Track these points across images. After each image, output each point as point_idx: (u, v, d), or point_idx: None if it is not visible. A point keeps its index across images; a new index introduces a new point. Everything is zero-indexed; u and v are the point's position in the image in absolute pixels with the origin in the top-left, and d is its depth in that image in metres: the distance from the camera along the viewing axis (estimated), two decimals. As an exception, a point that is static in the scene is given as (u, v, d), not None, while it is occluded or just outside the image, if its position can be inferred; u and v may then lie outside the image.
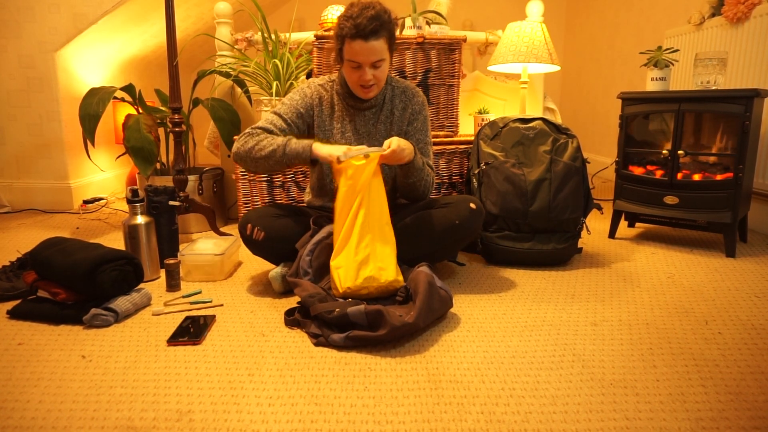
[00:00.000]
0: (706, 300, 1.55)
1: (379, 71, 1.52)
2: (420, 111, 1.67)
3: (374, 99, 1.62)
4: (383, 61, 1.51)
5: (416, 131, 1.67)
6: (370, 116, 1.65)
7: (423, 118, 1.68)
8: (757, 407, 1.01)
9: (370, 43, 1.46)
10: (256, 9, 2.28)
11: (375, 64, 1.50)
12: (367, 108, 1.64)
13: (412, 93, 1.68)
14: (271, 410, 1.00)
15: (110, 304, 1.41)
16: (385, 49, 1.50)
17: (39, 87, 2.79)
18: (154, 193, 1.86)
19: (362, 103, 1.62)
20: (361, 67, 1.50)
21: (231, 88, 2.63)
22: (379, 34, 1.46)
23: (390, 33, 1.50)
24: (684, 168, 2.04)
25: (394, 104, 1.66)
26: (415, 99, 1.67)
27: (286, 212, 1.65)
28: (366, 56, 1.48)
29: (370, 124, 1.65)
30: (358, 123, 1.64)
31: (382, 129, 1.65)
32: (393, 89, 1.67)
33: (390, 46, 1.53)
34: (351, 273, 1.41)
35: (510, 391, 1.07)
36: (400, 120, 1.66)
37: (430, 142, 1.70)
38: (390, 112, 1.66)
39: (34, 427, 0.96)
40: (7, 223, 2.57)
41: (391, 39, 1.52)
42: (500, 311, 1.47)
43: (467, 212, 1.56)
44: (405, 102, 1.66)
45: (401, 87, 1.68)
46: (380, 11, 1.47)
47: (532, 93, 2.71)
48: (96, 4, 2.70)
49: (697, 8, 2.62)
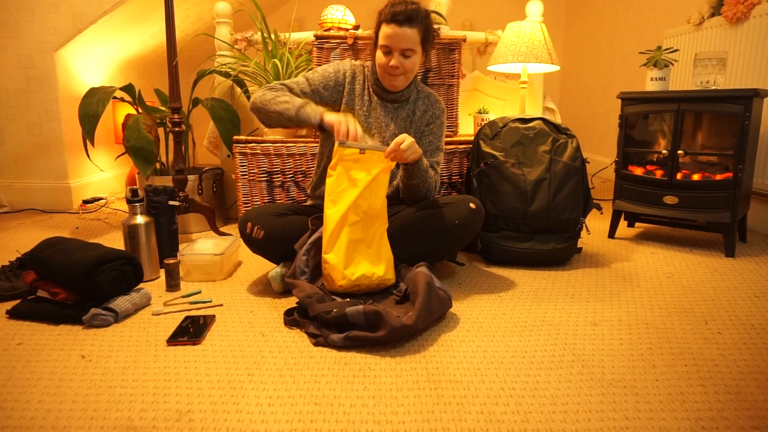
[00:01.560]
0: (706, 300, 1.55)
1: (407, 61, 1.57)
2: (438, 116, 1.73)
3: (399, 94, 1.67)
4: (413, 52, 1.56)
5: (430, 132, 1.71)
6: (391, 109, 1.69)
7: (440, 123, 1.73)
8: (756, 407, 1.02)
9: (403, 29, 1.51)
10: (256, 9, 2.28)
11: (405, 52, 1.55)
12: (390, 101, 1.68)
13: (435, 99, 1.74)
14: (270, 410, 1.00)
15: (110, 304, 1.41)
16: (416, 40, 1.55)
17: (38, 87, 2.79)
18: (154, 193, 1.86)
19: (388, 94, 1.67)
20: (391, 52, 1.55)
21: (231, 88, 2.63)
22: (413, 23, 1.52)
23: (425, 27, 1.56)
24: (683, 168, 2.04)
25: (416, 105, 1.71)
26: (437, 105, 1.74)
27: (286, 211, 1.66)
28: (397, 41, 1.53)
29: (390, 117, 1.69)
30: (379, 111, 1.68)
31: (401, 124, 1.69)
32: (418, 92, 1.73)
33: (423, 40, 1.57)
34: (341, 270, 1.43)
35: (510, 390, 1.07)
36: (419, 121, 1.71)
37: (441, 147, 1.74)
38: (411, 112, 1.71)
39: (34, 427, 0.96)
40: (6, 223, 2.57)
41: (425, 34, 1.57)
42: (500, 311, 1.47)
43: (467, 212, 1.57)
44: (427, 105, 1.72)
45: (426, 92, 1.75)
46: (420, 7, 1.55)
47: (531, 93, 2.71)
48: (96, 4, 2.70)
49: (697, 8, 2.62)
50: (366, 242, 1.49)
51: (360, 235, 1.49)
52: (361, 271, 1.44)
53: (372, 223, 1.50)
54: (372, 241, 1.50)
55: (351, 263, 1.45)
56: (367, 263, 1.46)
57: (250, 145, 2.19)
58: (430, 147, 1.70)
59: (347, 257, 1.45)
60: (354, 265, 1.45)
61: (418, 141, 1.68)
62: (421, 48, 1.59)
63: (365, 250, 1.49)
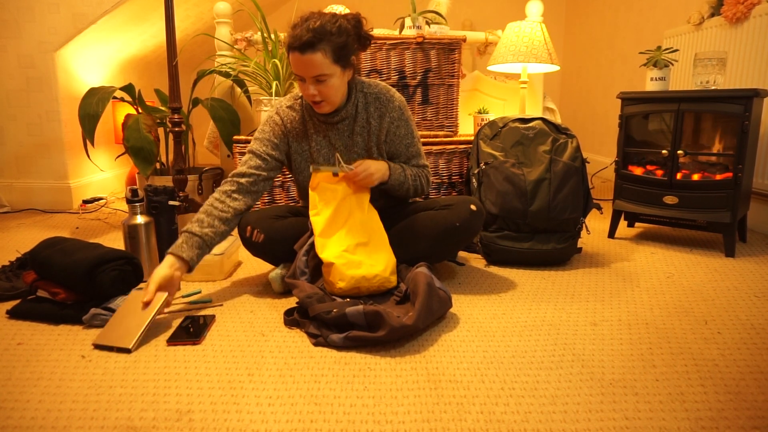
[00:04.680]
0: (706, 300, 1.55)
1: (323, 86, 1.42)
2: (400, 117, 1.58)
3: (345, 111, 1.54)
4: (326, 76, 1.41)
5: (402, 137, 1.60)
6: (344, 128, 1.57)
7: (405, 122, 1.59)
8: (756, 407, 1.02)
9: (305, 56, 1.37)
10: (256, 9, 2.28)
11: (317, 78, 1.41)
12: (338, 121, 1.55)
13: (387, 98, 1.57)
14: (270, 410, 1.00)
15: (110, 304, 1.41)
16: (326, 63, 1.39)
17: (38, 87, 2.79)
18: (154, 193, 1.86)
19: (331, 117, 1.54)
20: (305, 80, 1.43)
21: (231, 87, 2.63)
22: (316, 48, 1.36)
23: (334, 46, 1.39)
24: (683, 168, 2.04)
25: (369, 113, 1.56)
26: (390, 105, 1.57)
27: (285, 214, 1.66)
28: (303, 70, 1.40)
29: (346, 137, 1.58)
30: (332, 137, 1.58)
31: (359, 141, 1.58)
32: (365, 96, 1.57)
33: (337, 60, 1.41)
34: (342, 272, 1.43)
35: (510, 390, 1.07)
36: (377, 129, 1.57)
37: (418, 142, 1.64)
38: (366, 122, 1.57)
39: (34, 426, 0.96)
40: (6, 222, 2.57)
41: (337, 52, 1.40)
42: (500, 311, 1.47)
43: (467, 214, 1.56)
44: (381, 110, 1.56)
45: (374, 93, 1.57)
46: (326, 23, 1.37)
47: (531, 93, 2.71)
48: (96, 4, 2.70)
49: (697, 8, 2.62)
50: (365, 244, 1.49)
51: (360, 237, 1.49)
52: (362, 273, 1.44)
53: (370, 225, 1.51)
54: (370, 243, 1.50)
55: (351, 265, 1.44)
56: (367, 265, 1.46)
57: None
58: (409, 150, 1.62)
59: (347, 260, 1.44)
60: (354, 268, 1.44)
61: (391, 148, 1.60)
62: (337, 66, 1.42)
63: (365, 251, 1.49)
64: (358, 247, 1.49)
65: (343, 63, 1.44)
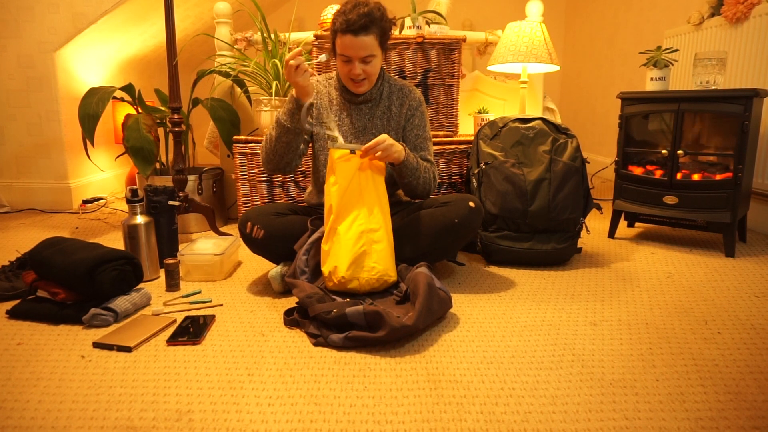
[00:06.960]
0: (706, 300, 1.55)
1: (369, 66, 1.56)
2: (417, 107, 1.69)
3: (369, 93, 1.65)
4: (373, 56, 1.54)
5: (414, 126, 1.68)
6: (366, 110, 1.68)
7: (420, 114, 1.70)
8: (756, 407, 1.02)
9: (359, 38, 1.49)
10: (256, 9, 2.28)
11: (364, 59, 1.54)
12: (362, 102, 1.67)
13: (408, 90, 1.71)
14: (270, 410, 1.00)
15: (110, 304, 1.41)
16: (375, 45, 1.53)
17: (38, 87, 2.79)
18: (154, 193, 1.86)
19: (357, 97, 1.65)
20: (351, 61, 1.54)
21: (230, 87, 2.63)
22: (369, 30, 1.50)
23: (381, 30, 1.53)
24: (683, 168, 2.04)
25: (391, 101, 1.68)
26: (412, 95, 1.70)
27: (285, 211, 1.66)
28: (355, 51, 1.51)
29: (366, 119, 1.68)
30: (354, 116, 1.67)
31: (378, 124, 1.68)
32: (390, 86, 1.70)
33: (381, 43, 1.56)
34: (343, 266, 1.42)
35: (510, 390, 1.07)
36: (397, 116, 1.68)
37: (429, 138, 1.72)
38: (387, 108, 1.68)
39: (34, 426, 0.96)
40: (6, 223, 2.57)
41: (382, 36, 1.54)
42: (500, 311, 1.47)
43: (466, 211, 1.56)
44: (402, 99, 1.69)
45: (398, 85, 1.71)
46: (373, 9, 1.50)
47: (531, 93, 2.71)
48: (95, 4, 2.70)
49: (697, 8, 2.62)
50: (375, 231, 1.48)
51: (371, 222, 1.47)
52: (363, 264, 1.43)
53: (377, 219, 1.49)
54: (380, 230, 1.49)
55: (353, 257, 1.44)
56: (370, 258, 1.45)
57: (250, 145, 2.19)
58: (418, 140, 1.68)
59: (354, 253, 1.43)
60: (356, 262, 1.44)
61: (404, 137, 1.68)
62: (380, 50, 1.57)
63: (372, 240, 1.47)
64: (365, 234, 1.46)
65: (384, 46, 1.59)
